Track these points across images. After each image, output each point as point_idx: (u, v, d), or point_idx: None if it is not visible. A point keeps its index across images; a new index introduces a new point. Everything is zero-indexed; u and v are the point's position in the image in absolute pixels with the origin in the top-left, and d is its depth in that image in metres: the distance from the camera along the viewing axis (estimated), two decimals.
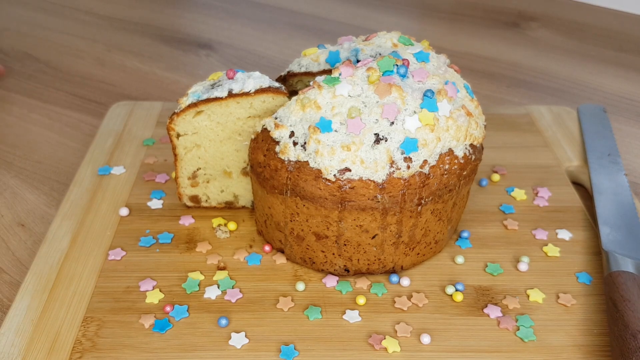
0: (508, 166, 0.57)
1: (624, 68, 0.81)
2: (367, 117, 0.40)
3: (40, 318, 0.41)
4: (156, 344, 0.40)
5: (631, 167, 0.61)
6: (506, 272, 0.46)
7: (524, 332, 0.41)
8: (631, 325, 0.38)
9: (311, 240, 0.44)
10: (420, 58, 0.43)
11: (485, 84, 0.77)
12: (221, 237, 0.49)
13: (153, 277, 0.45)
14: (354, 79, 0.41)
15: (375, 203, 0.41)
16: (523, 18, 0.95)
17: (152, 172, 0.56)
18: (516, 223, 0.50)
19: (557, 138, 0.61)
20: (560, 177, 0.56)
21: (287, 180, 0.42)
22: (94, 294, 0.43)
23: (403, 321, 0.42)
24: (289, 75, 0.49)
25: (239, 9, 0.98)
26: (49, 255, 0.46)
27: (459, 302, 0.43)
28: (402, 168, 0.40)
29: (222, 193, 0.51)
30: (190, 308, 0.42)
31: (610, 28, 0.92)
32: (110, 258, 0.46)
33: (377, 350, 0.39)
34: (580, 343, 0.40)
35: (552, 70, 0.80)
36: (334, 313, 0.42)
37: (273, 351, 0.39)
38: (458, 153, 0.42)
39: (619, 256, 0.44)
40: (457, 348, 0.40)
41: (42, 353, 0.39)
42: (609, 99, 0.74)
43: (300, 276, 0.45)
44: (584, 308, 0.43)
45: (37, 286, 0.43)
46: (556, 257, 0.47)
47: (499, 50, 0.85)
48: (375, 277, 0.45)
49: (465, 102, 0.43)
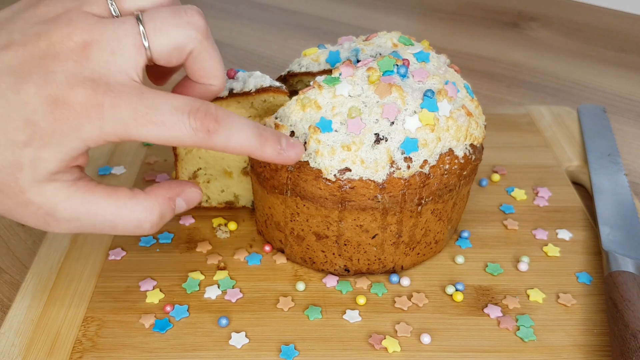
0: (508, 166, 0.57)
1: (624, 68, 0.81)
2: (367, 117, 0.40)
3: (40, 318, 0.41)
4: (156, 343, 0.40)
5: (631, 167, 0.61)
6: (506, 272, 0.46)
7: (524, 332, 0.41)
8: (631, 325, 0.38)
9: (311, 240, 0.44)
10: (420, 58, 0.43)
11: (485, 84, 0.77)
12: (221, 237, 0.49)
13: (153, 277, 0.45)
14: (354, 79, 0.41)
15: (376, 203, 0.41)
16: (523, 18, 0.95)
17: (152, 172, 0.56)
18: (516, 223, 0.50)
19: (557, 138, 0.61)
20: (560, 177, 0.56)
21: (288, 180, 0.42)
22: (94, 294, 0.43)
23: (403, 321, 0.42)
24: (289, 75, 0.49)
25: (239, 9, 0.98)
26: (49, 255, 0.46)
27: (459, 302, 0.43)
28: (402, 168, 0.40)
29: (223, 193, 0.51)
30: (191, 308, 0.42)
31: (610, 28, 0.92)
32: (111, 258, 0.46)
33: (377, 350, 0.40)
34: (580, 343, 0.40)
35: (552, 70, 0.80)
36: (334, 313, 0.42)
37: (273, 351, 0.39)
38: (458, 153, 0.42)
39: (619, 256, 0.44)
40: (457, 348, 0.40)
41: (43, 353, 0.39)
42: (609, 99, 0.74)
43: (300, 276, 0.45)
44: (584, 308, 0.43)
45: (38, 286, 0.43)
46: (556, 257, 0.47)
47: (499, 50, 0.85)
48: (375, 277, 0.45)
49: (466, 102, 0.43)
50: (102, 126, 0.32)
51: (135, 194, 0.35)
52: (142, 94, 0.32)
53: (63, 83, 0.31)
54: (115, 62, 0.33)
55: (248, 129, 0.35)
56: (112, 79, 0.32)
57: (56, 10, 0.33)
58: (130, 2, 0.35)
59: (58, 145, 0.32)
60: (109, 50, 0.32)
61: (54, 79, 0.31)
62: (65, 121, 0.31)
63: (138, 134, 0.32)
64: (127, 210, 0.34)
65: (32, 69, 0.31)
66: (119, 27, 0.33)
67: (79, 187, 0.33)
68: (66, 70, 0.32)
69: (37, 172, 0.32)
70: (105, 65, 0.32)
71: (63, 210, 0.33)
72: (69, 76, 0.31)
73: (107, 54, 0.32)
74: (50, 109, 0.31)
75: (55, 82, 0.31)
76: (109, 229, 0.35)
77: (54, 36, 0.32)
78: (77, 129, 0.32)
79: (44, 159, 0.32)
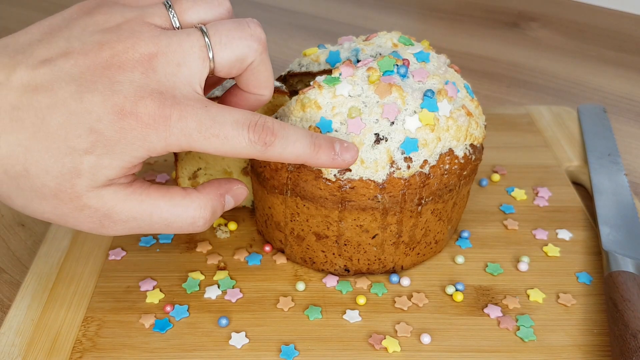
0: (508, 166, 0.57)
1: (624, 68, 0.81)
2: (367, 117, 0.40)
3: (40, 318, 0.41)
4: (156, 343, 0.40)
5: (631, 167, 0.61)
6: (506, 272, 0.46)
7: (524, 332, 0.41)
8: (631, 325, 0.38)
9: (311, 240, 0.44)
10: (420, 58, 0.43)
11: (485, 84, 0.77)
12: (221, 237, 0.49)
13: (153, 277, 0.45)
14: (354, 79, 0.41)
15: (376, 203, 0.41)
16: (523, 18, 0.95)
17: (152, 172, 0.56)
18: (516, 223, 0.50)
19: (557, 138, 0.61)
20: (560, 177, 0.56)
21: (288, 180, 0.42)
22: (94, 294, 0.43)
23: (403, 321, 0.42)
24: (289, 75, 0.49)
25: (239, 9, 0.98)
26: (49, 255, 0.46)
27: (459, 302, 0.43)
28: (402, 168, 0.40)
29: None
30: (191, 308, 0.42)
31: (610, 28, 0.92)
32: (111, 258, 0.46)
33: (377, 350, 0.40)
34: (580, 343, 0.40)
35: (552, 70, 0.80)
36: (334, 313, 0.42)
37: (273, 351, 0.39)
38: (458, 153, 0.42)
39: (619, 256, 0.44)
40: (457, 348, 0.40)
41: (43, 353, 0.39)
42: (609, 99, 0.74)
43: (300, 276, 0.45)
44: (584, 308, 0.43)
45: (38, 286, 0.44)
46: (556, 257, 0.47)
47: (499, 50, 0.85)
48: (375, 277, 0.45)
49: (466, 102, 0.43)
50: (168, 137, 0.32)
51: (188, 192, 0.36)
52: (206, 107, 0.33)
53: (130, 94, 0.32)
54: (181, 75, 0.33)
55: (303, 140, 0.35)
56: (177, 91, 0.33)
57: (115, 20, 0.33)
58: (192, 15, 0.35)
59: (121, 153, 0.32)
60: (175, 62, 0.33)
61: (120, 90, 0.32)
62: (132, 131, 0.32)
63: (200, 146, 0.33)
64: (182, 209, 0.35)
65: (96, 78, 0.32)
66: (185, 40, 0.33)
67: (134, 189, 0.34)
68: (133, 81, 0.32)
69: (95, 179, 0.32)
70: (171, 78, 0.33)
71: (120, 212, 0.34)
72: (136, 87, 0.32)
73: (173, 66, 0.33)
74: (117, 119, 0.31)
75: (122, 93, 0.31)
76: (164, 227, 0.35)
77: (118, 46, 0.32)
78: (143, 139, 0.32)
79: (104, 166, 0.32)
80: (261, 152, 0.34)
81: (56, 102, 0.31)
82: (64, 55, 0.32)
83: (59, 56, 0.32)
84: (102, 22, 0.33)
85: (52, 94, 0.31)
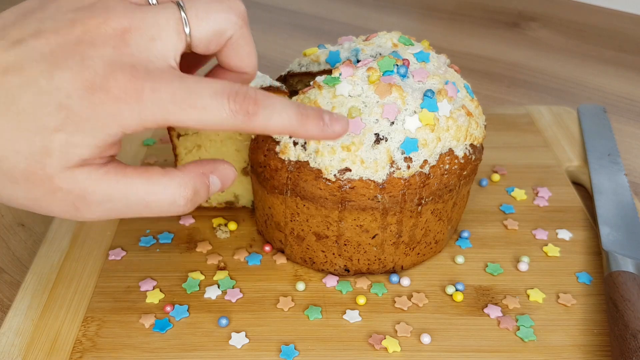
0: (508, 166, 0.57)
1: (624, 68, 0.81)
2: (367, 117, 0.40)
3: (40, 318, 0.41)
4: (156, 343, 0.40)
5: (631, 167, 0.61)
6: (506, 272, 0.46)
7: (524, 332, 0.41)
8: (631, 325, 0.38)
9: (311, 240, 0.44)
10: (420, 58, 0.43)
11: (485, 84, 0.77)
12: (221, 237, 0.49)
13: (153, 277, 0.45)
14: (354, 79, 0.41)
15: (376, 203, 0.41)
16: (523, 18, 0.95)
17: None
18: (516, 223, 0.50)
19: (557, 138, 0.61)
20: (560, 177, 0.56)
21: (288, 180, 0.42)
22: (94, 294, 0.43)
23: (403, 321, 0.42)
24: (289, 75, 0.49)
25: None
26: (49, 255, 0.46)
27: (459, 302, 0.43)
28: (402, 168, 0.40)
29: (223, 193, 0.51)
30: (191, 308, 0.42)
31: (610, 28, 0.92)
32: (111, 258, 0.46)
33: (377, 350, 0.40)
34: (580, 343, 0.40)
35: (552, 70, 0.80)
36: (334, 313, 0.42)
37: (273, 351, 0.39)
38: (458, 153, 0.42)
39: (619, 256, 0.44)
40: (457, 348, 0.40)
41: (43, 353, 0.39)
42: (609, 99, 0.74)
43: (300, 276, 0.45)
44: (584, 308, 0.43)
45: (38, 286, 0.44)
46: (556, 257, 0.47)
47: (499, 50, 0.85)
48: (375, 277, 0.45)
49: (466, 102, 0.43)
50: (142, 111, 0.31)
51: (167, 171, 0.34)
52: (181, 79, 0.32)
53: (100, 68, 0.31)
54: (154, 49, 0.32)
55: (289, 109, 0.34)
56: (151, 65, 0.32)
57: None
58: None
59: (93, 130, 0.31)
60: (149, 36, 0.32)
61: (90, 65, 0.31)
62: (103, 106, 0.31)
63: (178, 118, 0.32)
64: (161, 187, 0.34)
65: (67, 55, 0.31)
66: (159, 14, 0.32)
67: (109, 169, 0.33)
68: (104, 56, 0.31)
69: (67, 158, 0.31)
70: (144, 52, 0.32)
71: (95, 192, 0.32)
72: (107, 62, 0.31)
73: (147, 40, 0.32)
74: (87, 94, 0.30)
75: (92, 68, 0.31)
76: (143, 208, 0.34)
77: (90, 23, 0.31)
78: (115, 114, 0.31)
79: (76, 144, 0.31)
80: (244, 123, 0.32)
81: (27, 81, 0.30)
82: (36, 34, 0.31)
83: (30, 36, 0.31)
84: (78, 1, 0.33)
85: (23, 73, 0.30)
